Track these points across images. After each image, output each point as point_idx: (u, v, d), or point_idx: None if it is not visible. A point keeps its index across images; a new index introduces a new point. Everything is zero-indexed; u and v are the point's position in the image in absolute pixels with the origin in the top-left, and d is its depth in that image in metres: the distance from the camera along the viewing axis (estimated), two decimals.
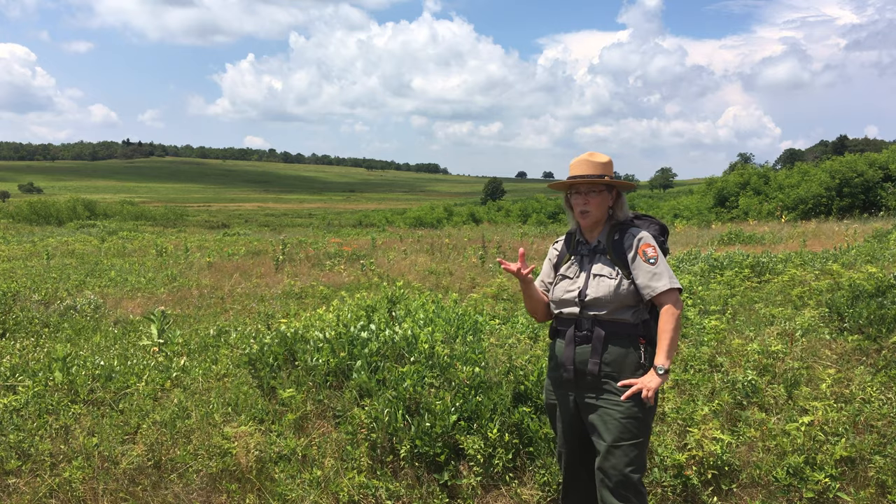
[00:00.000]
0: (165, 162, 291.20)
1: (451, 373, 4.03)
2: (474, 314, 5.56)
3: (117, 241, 22.01)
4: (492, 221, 44.34)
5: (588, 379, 2.83)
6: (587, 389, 2.85)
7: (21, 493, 3.52)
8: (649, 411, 2.81)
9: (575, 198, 2.95)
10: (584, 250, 2.98)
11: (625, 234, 2.89)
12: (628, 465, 2.73)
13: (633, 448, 2.74)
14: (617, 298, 2.80)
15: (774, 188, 36.48)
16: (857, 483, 3.45)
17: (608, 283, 2.83)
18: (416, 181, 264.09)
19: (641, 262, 2.80)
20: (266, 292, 10.20)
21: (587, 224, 2.96)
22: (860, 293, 5.85)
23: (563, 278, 3.00)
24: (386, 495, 3.50)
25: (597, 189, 2.90)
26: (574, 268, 2.97)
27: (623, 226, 2.94)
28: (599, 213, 2.93)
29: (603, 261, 2.89)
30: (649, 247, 2.81)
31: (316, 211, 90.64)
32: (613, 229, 2.93)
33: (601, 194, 2.91)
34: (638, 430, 2.76)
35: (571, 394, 2.92)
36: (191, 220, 48.61)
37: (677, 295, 2.78)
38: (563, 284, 2.98)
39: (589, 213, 2.91)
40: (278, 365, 4.49)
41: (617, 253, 2.86)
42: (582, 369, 2.84)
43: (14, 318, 7.38)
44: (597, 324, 2.83)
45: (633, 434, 2.74)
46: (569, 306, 2.92)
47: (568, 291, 2.93)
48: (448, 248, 17.36)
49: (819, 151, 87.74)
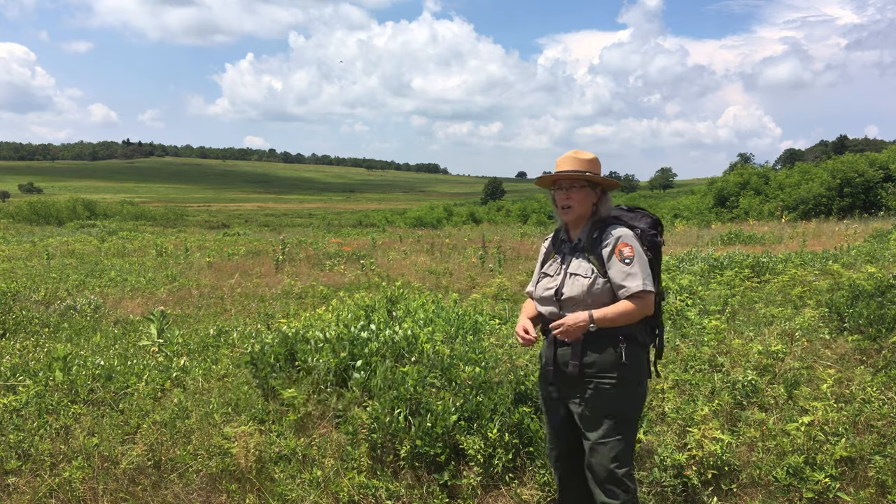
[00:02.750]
0: (165, 162, 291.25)
1: (453, 373, 4.03)
2: (474, 314, 5.56)
3: (117, 241, 22.01)
4: (492, 221, 44.35)
5: (570, 379, 2.86)
6: (570, 388, 2.88)
7: (21, 493, 3.52)
8: (634, 408, 2.85)
9: (558, 193, 2.96)
10: (566, 248, 3.00)
11: (604, 232, 2.88)
12: (613, 460, 2.77)
13: (618, 443, 2.78)
14: (591, 297, 2.80)
15: (775, 188, 36.49)
16: (857, 483, 3.45)
17: (582, 281, 2.84)
18: (416, 181, 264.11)
19: (616, 261, 2.80)
20: (266, 292, 10.20)
21: (569, 219, 2.97)
22: (860, 293, 5.84)
23: (545, 276, 3.03)
24: (386, 495, 3.50)
25: (578, 184, 2.91)
26: (555, 265, 3.00)
27: (604, 223, 2.92)
28: (581, 209, 2.93)
29: (581, 258, 2.90)
30: (626, 246, 2.80)
31: (316, 211, 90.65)
32: (594, 227, 2.93)
33: (583, 190, 2.91)
34: (622, 426, 2.80)
35: (557, 392, 2.97)
36: (191, 220, 48.61)
37: (650, 299, 2.79)
38: (543, 282, 3.01)
39: (570, 208, 2.92)
40: (279, 365, 4.49)
41: (595, 251, 2.86)
42: (564, 369, 2.88)
43: (14, 318, 7.38)
44: None
45: (617, 430, 2.78)
46: (548, 304, 2.95)
47: (547, 289, 2.96)
48: (448, 248, 17.36)
49: (819, 151, 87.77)
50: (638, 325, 2.85)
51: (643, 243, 2.90)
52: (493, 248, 16.67)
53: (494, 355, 4.46)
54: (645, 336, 2.91)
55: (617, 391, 2.78)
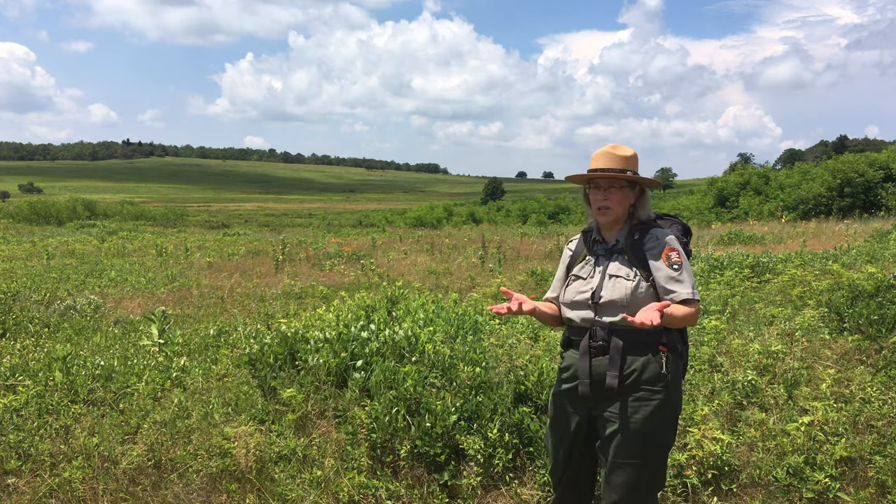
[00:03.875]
0: (165, 162, 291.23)
1: (453, 373, 4.03)
2: (474, 314, 5.56)
3: (117, 241, 22.02)
4: (492, 221, 44.32)
5: (607, 392, 2.61)
6: (605, 402, 2.64)
7: (21, 493, 3.52)
8: (672, 425, 2.64)
9: (594, 193, 2.72)
10: (600, 249, 2.77)
11: (646, 235, 2.67)
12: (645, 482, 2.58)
13: (651, 464, 2.59)
14: (634, 302, 2.59)
15: (775, 188, 36.48)
16: (857, 483, 3.45)
17: (625, 284, 2.62)
18: (416, 181, 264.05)
19: (664, 266, 2.59)
20: (266, 292, 10.20)
21: (605, 221, 2.73)
22: (860, 293, 5.84)
23: (576, 279, 2.78)
24: (386, 495, 3.50)
25: (618, 184, 2.67)
26: (588, 268, 2.77)
27: (644, 226, 2.72)
28: (619, 211, 2.70)
29: (620, 261, 2.68)
30: (674, 251, 2.61)
31: (316, 211, 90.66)
32: (634, 229, 2.72)
33: (622, 190, 2.68)
34: (657, 445, 2.60)
35: (585, 408, 2.72)
36: (191, 220, 48.62)
37: (697, 307, 2.59)
38: (575, 285, 2.77)
39: (609, 209, 2.69)
40: (279, 365, 4.49)
41: (636, 254, 2.65)
42: (599, 381, 2.62)
43: (14, 318, 7.38)
44: (613, 333, 2.60)
45: (651, 450, 2.59)
46: (581, 309, 2.70)
47: (580, 293, 2.71)
48: (448, 248, 17.36)
49: (819, 151, 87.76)
50: (674, 333, 2.66)
51: None
52: (493, 248, 16.68)
53: (494, 355, 4.45)
54: (681, 345, 2.71)
55: (658, 405, 2.56)
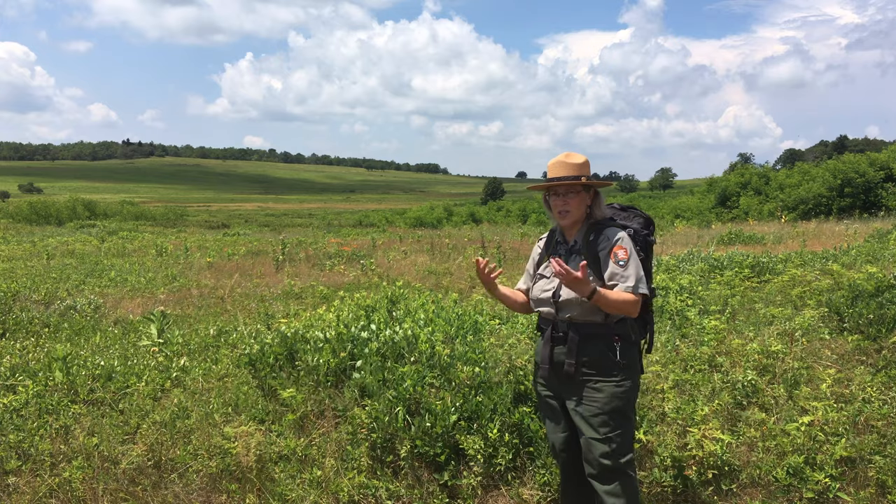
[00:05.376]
0: (165, 162, 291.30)
1: (452, 373, 4.03)
2: (474, 314, 5.55)
3: (117, 241, 22.02)
4: (492, 221, 44.31)
5: (566, 377, 2.90)
6: (566, 386, 2.93)
7: (21, 493, 3.52)
8: (630, 402, 2.88)
9: (554, 199, 3.00)
10: (561, 250, 3.06)
11: (600, 235, 2.93)
12: (612, 454, 2.81)
13: (616, 436, 2.82)
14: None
15: (775, 188, 36.49)
16: (857, 483, 3.45)
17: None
18: (415, 181, 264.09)
19: (611, 263, 2.84)
20: (266, 292, 10.19)
21: (566, 224, 3.01)
22: (860, 293, 5.84)
23: (541, 278, 3.07)
24: (386, 495, 3.50)
25: (574, 190, 2.95)
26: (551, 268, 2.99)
27: (600, 225, 2.97)
28: (578, 213, 2.98)
29: (577, 261, 2.92)
30: (621, 249, 2.84)
31: (316, 211, 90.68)
32: (590, 229, 2.97)
33: (579, 195, 2.96)
34: (619, 419, 2.83)
35: (557, 395, 3.01)
36: (191, 221, 48.64)
37: (639, 302, 2.80)
38: (540, 284, 3.05)
39: (568, 213, 2.97)
40: (279, 365, 4.49)
41: (591, 253, 2.90)
42: (559, 367, 2.92)
43: (14, 318, 7.38)
44: (571, 327, 2.89)
45: (614, 425, 2.82)
46: (545, 306, 3.00)
47: (544, 291, 3.00)
48: (448, 248, 17.36)
49: (819, 151, 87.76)
50: (631, 322, 2.91)
51: (636, 243, 2.96)
52: (493, 248, 16.68)
53: (494, 355, 4.45)
54: (637, 333, 2.97)
55: (612, 389, 2.83)
